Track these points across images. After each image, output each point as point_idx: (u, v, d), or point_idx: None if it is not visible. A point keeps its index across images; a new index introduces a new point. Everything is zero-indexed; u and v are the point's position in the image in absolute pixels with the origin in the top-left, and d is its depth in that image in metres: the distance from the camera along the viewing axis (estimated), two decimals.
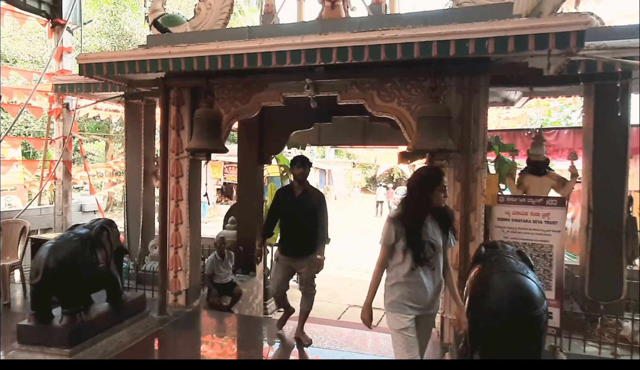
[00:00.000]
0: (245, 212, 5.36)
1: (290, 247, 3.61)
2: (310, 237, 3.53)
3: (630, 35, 3.26)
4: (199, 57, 3.24)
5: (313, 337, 3.63)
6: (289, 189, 3.69)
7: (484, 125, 3.15)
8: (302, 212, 3.53)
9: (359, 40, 2.87)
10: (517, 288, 2.04)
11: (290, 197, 3.59)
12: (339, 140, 6.01)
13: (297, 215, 3.54)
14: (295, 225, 3.57)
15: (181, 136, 3.90)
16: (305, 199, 3.56)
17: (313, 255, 3.56)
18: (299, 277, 3.79)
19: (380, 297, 2.42)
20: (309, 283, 3.70)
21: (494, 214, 3.31)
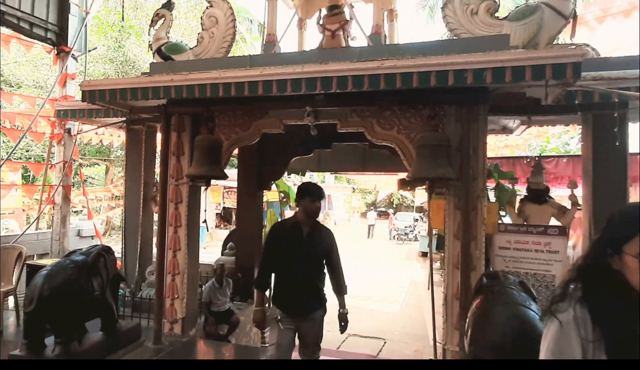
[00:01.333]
0: (244, 238, 5.32)
1: (295, 303, 2.92)
2: (320, 289, 2.95)
3: (626, 66, 3.31)
4: (201, 84, 3.28)
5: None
6: (294, 226, 2.99)
7: (483, 154, 3.15)
8: (312, 256, 2.91)
9: (358, 70, 2.91)
10: (520, 321, 2.00)
11: (296, 237, 2.93)
12: (339, 166, 6.03)
13: (305, 260, 2.89)
14: (303, 273, 2.89)
15: (181, 162, 3.91)
16: (314, 239, 2.94)
17: (322, 311, 3.00)
18: (301, 341, 3.05)
19: (376, 324, 2.37)
20: (317, 346, 3.06)
21: (495, 243, 3.28)
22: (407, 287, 9.82)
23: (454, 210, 3.13)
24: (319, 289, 2.94)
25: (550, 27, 3.38)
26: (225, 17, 4.01)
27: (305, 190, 3.01)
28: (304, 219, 3.00)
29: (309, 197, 2.96)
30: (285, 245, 2.96)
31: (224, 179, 3.72)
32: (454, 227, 3.13)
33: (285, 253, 2.95)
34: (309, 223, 2.99)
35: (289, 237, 2.98)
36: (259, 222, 5.43)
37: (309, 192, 2.98)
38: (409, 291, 9.40)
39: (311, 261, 2.91)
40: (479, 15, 3.42)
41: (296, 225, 3.01)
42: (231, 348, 4.10)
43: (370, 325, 6.58)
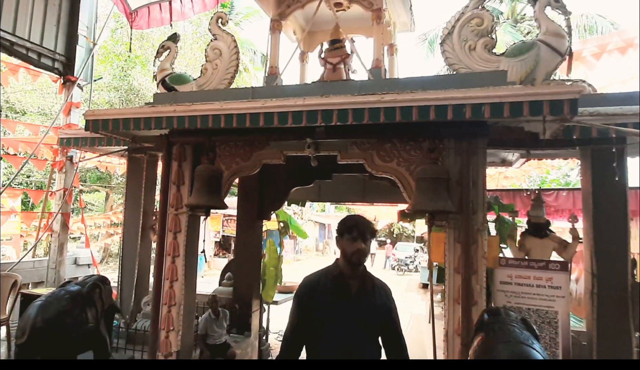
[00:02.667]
0: (243, 269, 5.26)
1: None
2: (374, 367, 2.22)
3: (622, 102, 3.36)
4: (203, 115, 3.33)
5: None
6: (336, 280, 2.27)
7: (483, 187, 3.16)
8: (362, 323, 2.18)
9: (359, 103, 2.95)
10: (522, 360, 1.95)
11: (339, 295, 2.21)
12: (339, 197, 6.04)
13: (353, 329, 2.16)
14: (350, 347, 2.15)
15: (181, 191, 3.91)
16: (365, 297, 2.23)
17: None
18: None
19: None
20: None
21: (496, 277, 3.24)
22: (407, 320, 9.63)
23: (454, 243, 3.11)
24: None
25: (546, 64, 3.45)
26: (229, 49, 4.11)
27: (343, 226, 2.35)
28: (346, 267, 2.29)
29: (347, 234, 2.29)
30: (324, 307, 2.18)
31: (223, 208, 3.71)
32: (454, 260, 3.09)
33: (324, 319, 2.17)
34: (357, 274, 2.27)
35: (329, 295, 2.22)
36: (257, 252, 5.38)
37: (347, 228, 2.31)
38: (409, 324, 9.21)
39: (362, 330, 2.17)
40: (477, 51, 3.50)
41: (340, 278, 2.28)
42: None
43: None
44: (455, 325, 3.04)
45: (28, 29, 5.79)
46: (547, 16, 3.53)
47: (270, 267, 5.53)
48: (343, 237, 2.34)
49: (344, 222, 2.41)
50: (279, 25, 4.11)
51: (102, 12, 9.17)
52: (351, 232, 2.31)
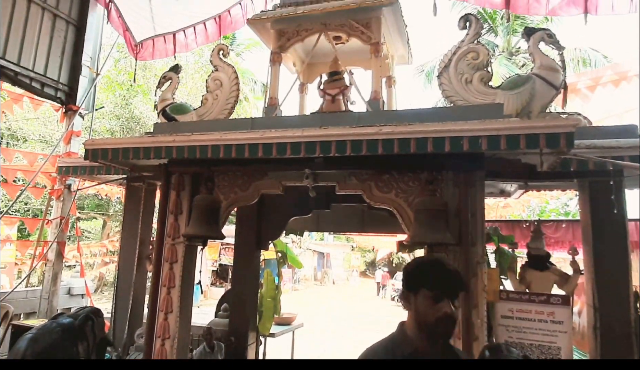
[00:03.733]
0: (240, 300, 5.17)
1: None
2: None
3: (618, 135, 3.40)
4: (202, 146, 3.35)
5: None
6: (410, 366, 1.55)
7: (482, 219, 3.14)
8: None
9: (357, 135, 2.98)
10: None
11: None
12: (338, 227, 6.00)
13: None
14: None
15: (179, 221, 3.88)
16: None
17: None
18: None
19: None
20: None
21: (497, 311, 3.19)
22: None
23: None
24: None
25: (542, 97, 3.50)
26: (229, 80, 4.16)
27: (419, 275, 1.69)
28: (422, 341, 1.62)
29: (426, 289, 1.61)
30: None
31: (221, 239, 3.68)
32: None
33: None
34: (434, 348, 1.61)
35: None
36: (255, 282, 5.30)
37: (425, 279, 1.63)
38: None
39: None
40: (473, 83, 3.56)
41: (413, 358, 1.59)
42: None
43: None
44: None
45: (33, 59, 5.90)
46: (541, 51, 3.61)
47: (268, 298, 5.44)
48: (418, 293, 1.64)
49: (420, 268, 1.73)
50: (279, 58, 4.19)
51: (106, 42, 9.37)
52: (434, 286, 1.60)
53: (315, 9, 4.00)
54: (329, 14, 3.96)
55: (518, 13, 5.79)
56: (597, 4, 5.00)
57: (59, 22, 6.28)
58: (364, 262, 39.37)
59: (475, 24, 3.61)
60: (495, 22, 17.78)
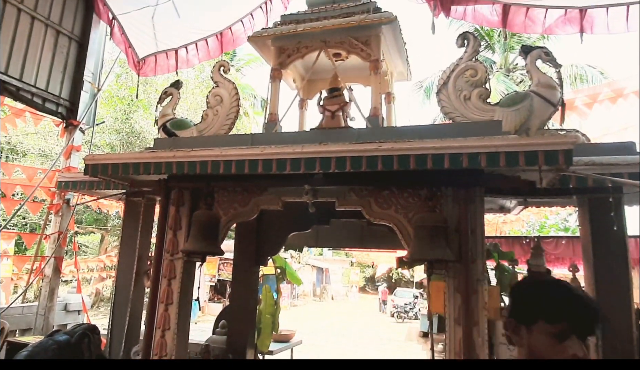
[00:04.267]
0: (238, 316, 5.12)
1: None
2: None
3: (616, 152, 3.41)
4: (202, 161, 3.36)
5: None
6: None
7: (482, 235, 3.13)
8: None
9: (357, 151, 2.99)
10: None
11: None
12: (337, 242, 5.98)
13: None
14: None
15: (178, 236, 3.87)
16: None
17: None
18: None
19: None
20: None
21: (498, 329, 3.15)
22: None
23: (453, 293, 3.05)
24: None
25: (540, 114, 3.53)
26: (230, 96, 4.20)
27: (539, 302, 1.31)
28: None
29: (548, 323, 1.26)
30: None
31: (220, 254, 3.66)
32: (455, 311, 3.02)
33: None
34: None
35: None
36: (254, 298, 5.25)
37: (560, 312, 1.25)
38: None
39: None
40: (472, 100, 3.59)
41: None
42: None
43: None
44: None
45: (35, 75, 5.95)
46: (539, 68, 3.65)
47: (267, 314, 5.39)
48: (534, 326, 1.28)
49: (538, 293, 1.33)
50: (279, 74, 4.23)
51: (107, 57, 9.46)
52: (559, 318, 1.23)
53: (315, 26, 4.05)
54: (328, 32, 4.01)
55: (515, 31, 5.87)
56: (593, 23, 5.08)
57: (61, 39, 6.35)
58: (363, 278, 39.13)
59: (474, 41, 3.66)
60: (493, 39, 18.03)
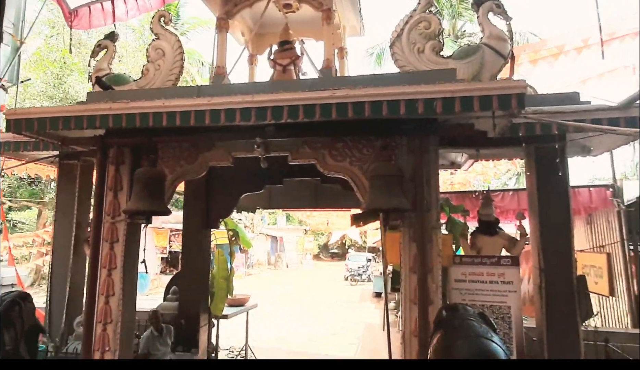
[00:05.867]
0: (189, 282, 4.94)
1: None
2: None
3: (562, 102, 3.52)
4: (143, 113, 3.08)
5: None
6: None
7: (436, 185, 3.14)
8: None
9: (310, 99, 2.85)
10: (484, 355, 1.88)
11: None
12: (290, 203, 5.88)
13: None
14: None
15: (119, 198, 3.59)
16: None
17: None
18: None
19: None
20: None
21: (450, 275, 3.22)
22: (361, 330, 9.57)
23: (409, 242, 3.05)
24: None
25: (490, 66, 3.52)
26: (172, 49, 3.86)
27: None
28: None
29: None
30: None
31: (166, 214, 3.45)
32: (410, 260, 3.03)
33: None
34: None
35: None
36: (205, 263, 5.08)
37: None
38: (364, 334, 9.14)
39: None
40: (425, 53, 3.51)
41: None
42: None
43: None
44: (412, 326, 2.97)
45: None
46: (490, 21, 3.62)
47: (220, 278, 5.24)
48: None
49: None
50: (225, 24, 3.94)
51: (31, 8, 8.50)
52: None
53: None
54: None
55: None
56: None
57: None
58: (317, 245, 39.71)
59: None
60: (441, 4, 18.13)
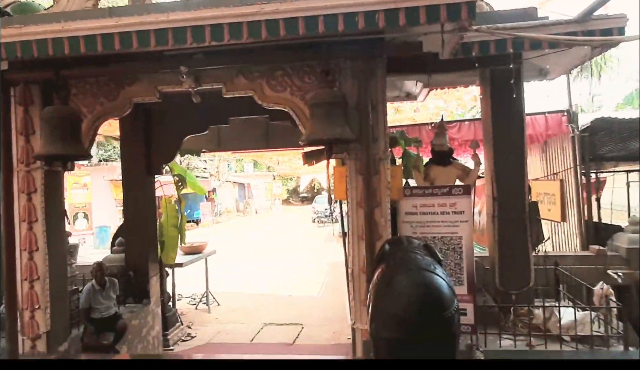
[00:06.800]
0: (135, 232, 4.64)
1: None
2: None
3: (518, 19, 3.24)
4: (40, 40, 2.62)
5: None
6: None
7: (384, 113, 2.89)
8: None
9: (235, 16, 2.46)
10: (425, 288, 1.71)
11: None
12: (240, 144, 5.54)
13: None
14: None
15: (31, 143, 3.16)
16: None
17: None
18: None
19: (294, 311, 1.97)
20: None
21: (401, 209, 3.06)
22: (327, 269, 9.66)
23: (355, 175, 2.83)
24: None
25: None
26: None
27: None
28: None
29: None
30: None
31: (86, 158, 3.08)
32: (357, 194, 2.83)
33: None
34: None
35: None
36: (151, 211, 4.77)
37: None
38: (328, 273, 9.24)
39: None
40: None
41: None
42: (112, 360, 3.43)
43: (288, 312, 6.26)
44: (361, 263, 2.83)
45: None
46: None
47: (170, 227, 4.97)
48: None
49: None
50: None
51: None
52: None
53: None
54: None
55: None
56: None
57: None
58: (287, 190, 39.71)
59: None
60: None
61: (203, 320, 6.07)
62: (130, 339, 4.19)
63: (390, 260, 1.96)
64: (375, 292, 1.90)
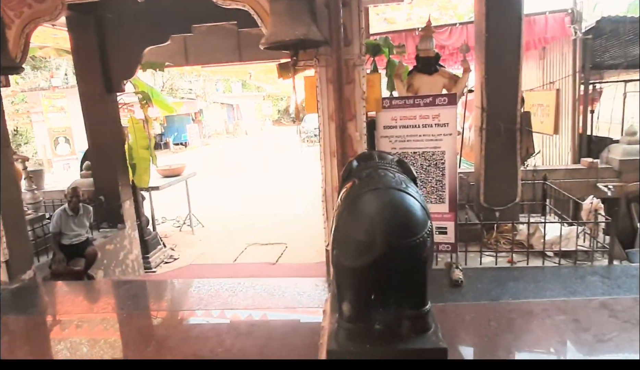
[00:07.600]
0: (101, 155, 4.36)
1: None
2: None
3: None
4: None
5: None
6: None
7: (358, 10, 2.47)
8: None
9: None
10: (392, 209, 1.49)
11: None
12: (211, 57, 5.05)
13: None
14: None
15: None
16: None
17: None
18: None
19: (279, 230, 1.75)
20: None
21: (379, 122, 2.77)
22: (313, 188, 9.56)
23: (326, 84, 2.50)
24: None
25: None
26: None
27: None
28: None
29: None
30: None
31: (17, 72, 2.69)
32: (328, 106, 2.52)
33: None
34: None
35: None
36: (116, 132, 4.44)
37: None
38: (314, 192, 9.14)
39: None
40: None
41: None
42: (83, 287, 3.32)
43: (273, 231, 6.20)
44: (334, 182, 2.60)
45: None
46: None
47: (139, 149, 4.67)
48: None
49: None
50: None
51: None
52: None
53: None
54: None
55: None
56: None
57: None
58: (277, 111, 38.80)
59: None
60: None
61: (187, 242, 6.02)
62: (107, 263, 4.09)
63: (357, 178, 1.73)
64: (337, 214, 1.68)
